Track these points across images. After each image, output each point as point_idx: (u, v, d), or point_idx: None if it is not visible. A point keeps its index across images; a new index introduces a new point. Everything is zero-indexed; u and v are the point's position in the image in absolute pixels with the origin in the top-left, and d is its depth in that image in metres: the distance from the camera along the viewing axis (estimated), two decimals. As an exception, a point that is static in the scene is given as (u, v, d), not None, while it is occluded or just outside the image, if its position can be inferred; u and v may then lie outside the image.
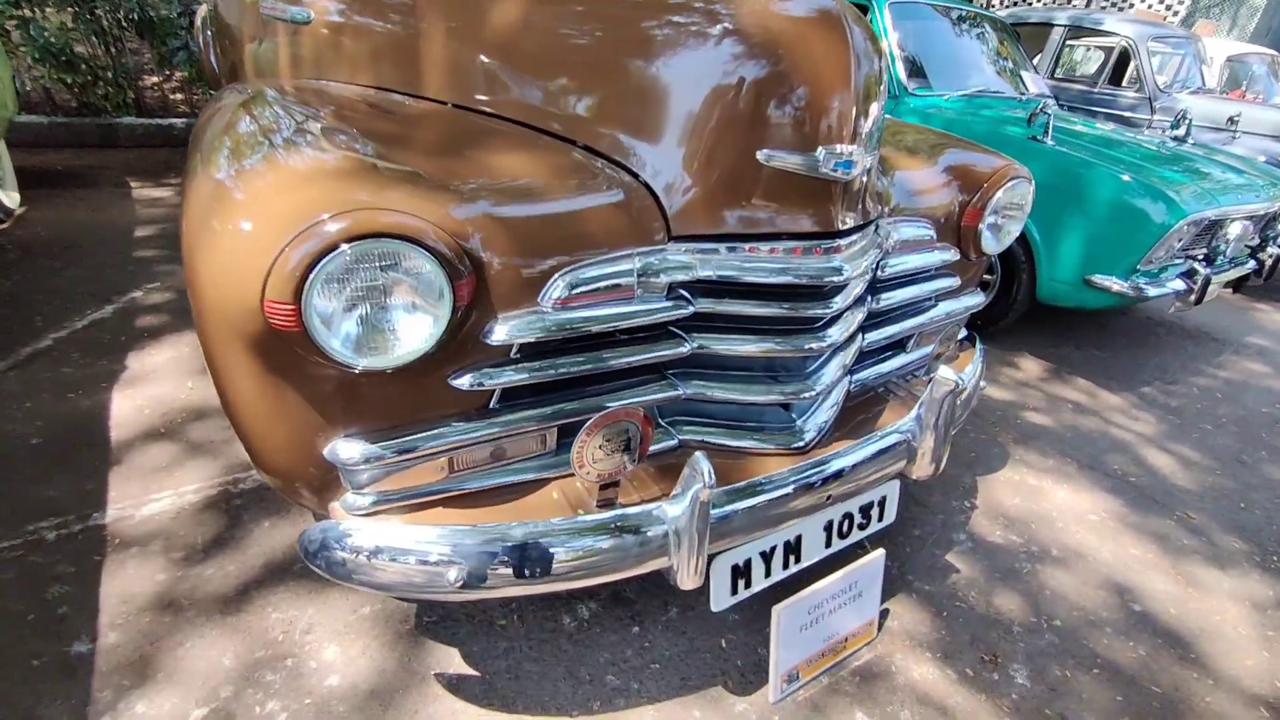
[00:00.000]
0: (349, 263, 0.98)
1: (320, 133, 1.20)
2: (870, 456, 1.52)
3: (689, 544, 1.23)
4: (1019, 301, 3.36)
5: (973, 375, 1.91)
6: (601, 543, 1.22)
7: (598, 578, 1.25)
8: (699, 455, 1.20)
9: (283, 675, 1.53)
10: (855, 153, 1.26)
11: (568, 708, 1.52)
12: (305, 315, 0.98)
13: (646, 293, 1.26)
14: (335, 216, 0.98)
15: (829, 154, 1.23)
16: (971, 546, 2.12)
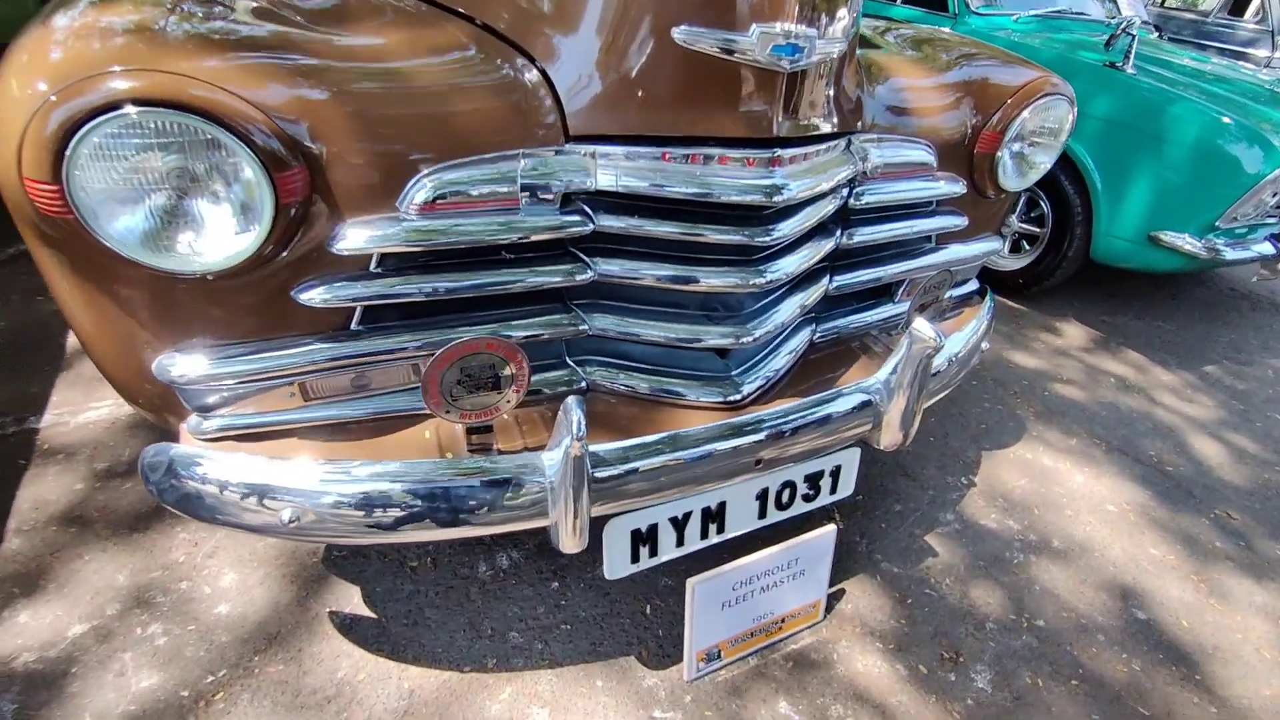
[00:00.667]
0: (126, 131, 0.80)
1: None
2: (818, 420, 1.29)
3: (565, 503, 1.05)
4: (1069, 259, 2.95)
5: (971, 335, 1.63)
6: (463, 493, 1.06)
7: (461, 531, 1.09)
8: (571, 401, 1.00)
9: (173, 599, 1.46)
10: (804, 36, 0.99)
11: (459, 662, 1.41)
12: (71, 197, 0.82)
13: (534, 203, 1.05)
14: (120, 74, 0.80)
15: (766, 35, 0.97)
16: (958, 529, 1.88)
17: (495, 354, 1.00)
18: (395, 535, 1.05)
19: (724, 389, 1.27)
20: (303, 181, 0.92)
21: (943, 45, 1.65)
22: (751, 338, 1.23)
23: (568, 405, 1.00)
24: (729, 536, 1.35)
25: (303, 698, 1.31)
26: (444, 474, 1.06)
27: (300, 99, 0.91)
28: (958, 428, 2.28)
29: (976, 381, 2.54)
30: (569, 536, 1.09)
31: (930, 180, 1.43)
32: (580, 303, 1.20)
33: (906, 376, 1.31)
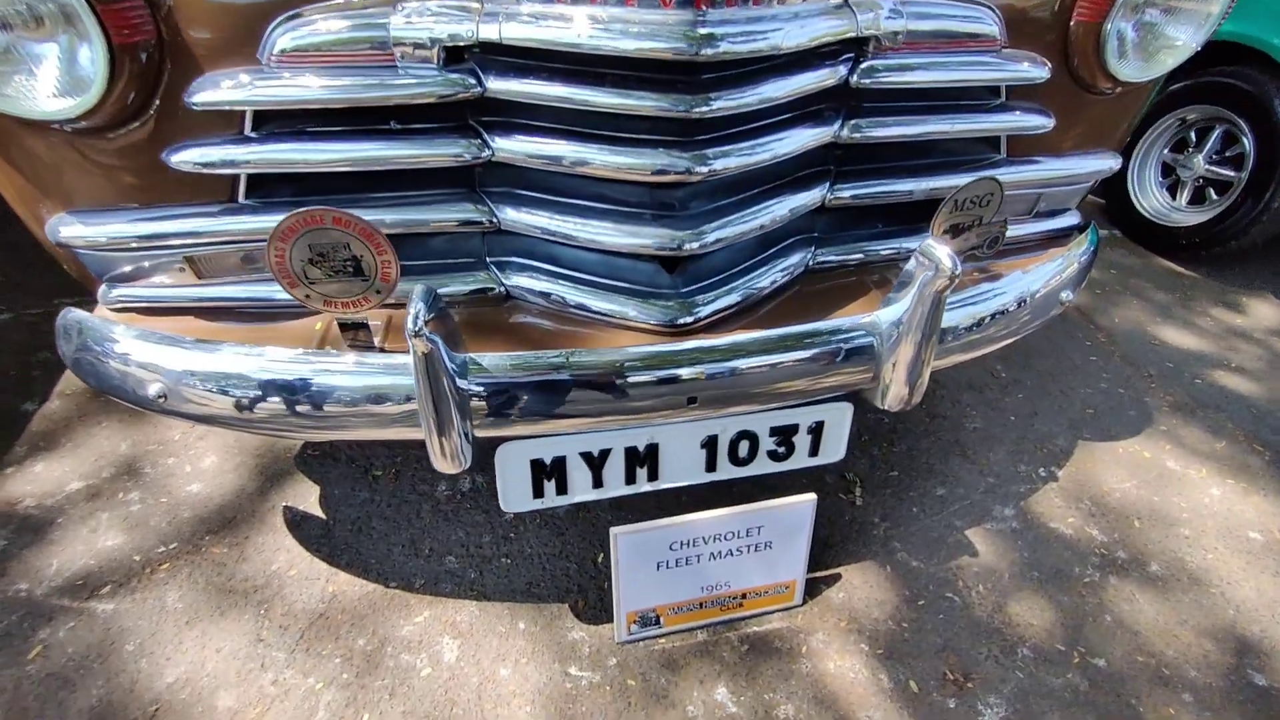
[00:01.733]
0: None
1: None
2: (781, 363, 1.03)
3: (427, 415, 0.91)
4: (1273, 213, 2.23)
5: (1049, 274, 1.23)
6: (322, 391, 0.95)
7: (324, 433, 0.99)
8: (418, 291, 0.84)
9: (158, 471, 1.54)
10: None
11: (389, 576, 1.35)
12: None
13: (413, 60, 0.88)
14: None
15: None
16: (1015, 529, 1.50)
17: (344, 231, 0.86)
18: (253, 426, 0.98)
19: (669, 310, 1.04)
20: (141, 20, 0.83)
21: None
22: (695, 245, 0.98)
23: (412, 295, 0.84)
24: (667, 486, 1.14)
25: (234, 582, 1.33)
26: (304, 366, 0.96)
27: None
28: (1052, 408, 1.83)
29: (1096, 357, 2.03)
30: (438, 454, 0.95)
31: (988, 59, 1.06)
32: (493, 191, 1.03)
33: (915, 316, 1.00)
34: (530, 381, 0.96)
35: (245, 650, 1.22)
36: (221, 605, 1.28)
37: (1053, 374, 1.94)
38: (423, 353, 0.84)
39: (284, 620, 1.27)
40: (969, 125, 1.10)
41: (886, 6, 0.97)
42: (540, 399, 0.96)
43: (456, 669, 1.21)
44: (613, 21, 0.82)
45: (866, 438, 1.71)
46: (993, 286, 1.17)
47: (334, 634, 1.25)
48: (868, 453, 1.66)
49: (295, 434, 1.01)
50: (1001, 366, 1.96)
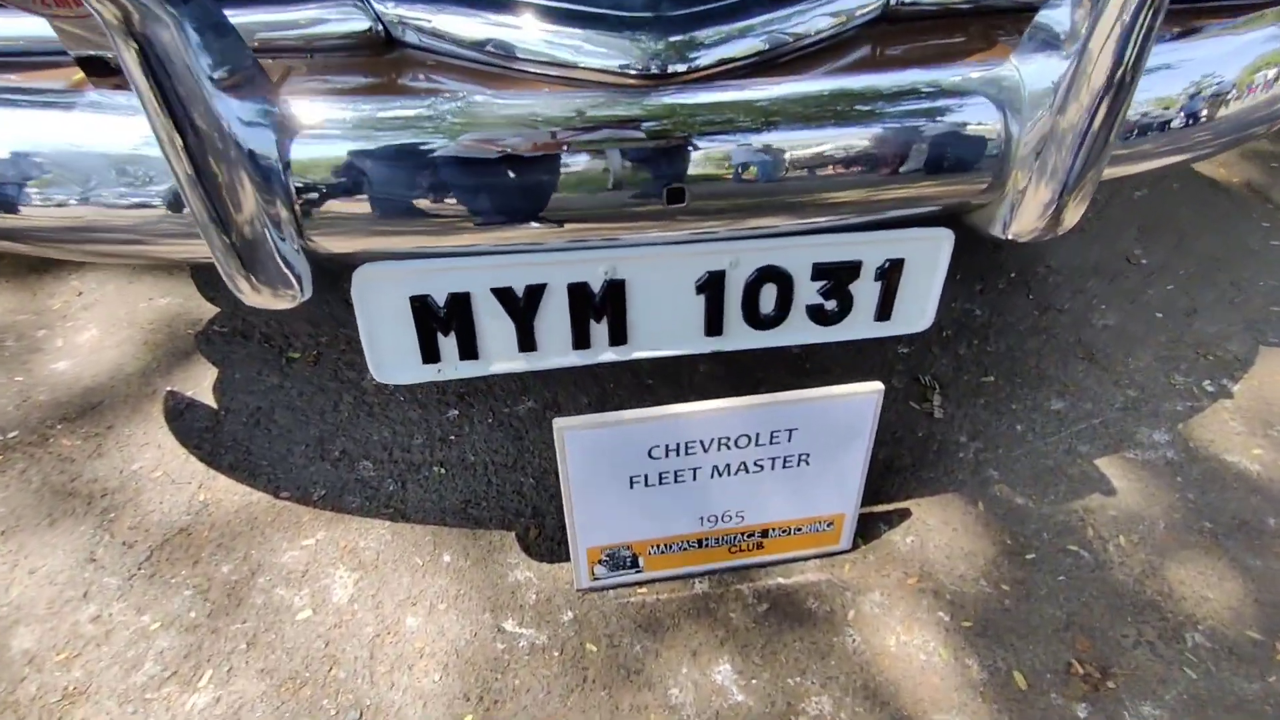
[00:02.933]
0: None
1: None
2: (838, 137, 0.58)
3: (192, 200, 0.51)
4: None
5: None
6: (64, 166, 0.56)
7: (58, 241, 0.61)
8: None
9: (24, 345, 1.22)
10: None
11: (280, 483, 1.00)
12: None
13: None
14: None
15: None
16: (1172, 460, 1.03)
17: None
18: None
19: (646, 47, 0.60)
20: None
21: None
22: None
23: None
24: (643, 355, 0.72)
25: (79, 484, 0.99)
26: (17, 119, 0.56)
27: None
28: (1219, 304, 1.31)
29: (1270, 223, 1.47)
30: (233, 272, 0.56)
31: None
32: None
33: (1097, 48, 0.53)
34: (390, 156, 0.54)
35: (69, 573, 0.89)
36: (54, 512, 0.96)
37: (1216, 260, 1.41)
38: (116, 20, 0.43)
39: (130, 535, 0.93)
40: None
41: None
42: (411, 190, 0.55)
43: (347, 613, 0.85)
44: None
45: (949, 331, 1.24)
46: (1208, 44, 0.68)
47: (192, 556, 0.91)
48: (951, 350, 1.20)
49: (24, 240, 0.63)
50: (1142, 250, 1.43)
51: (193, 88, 0.48)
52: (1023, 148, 0.62)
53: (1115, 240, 1.46)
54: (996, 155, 0.63)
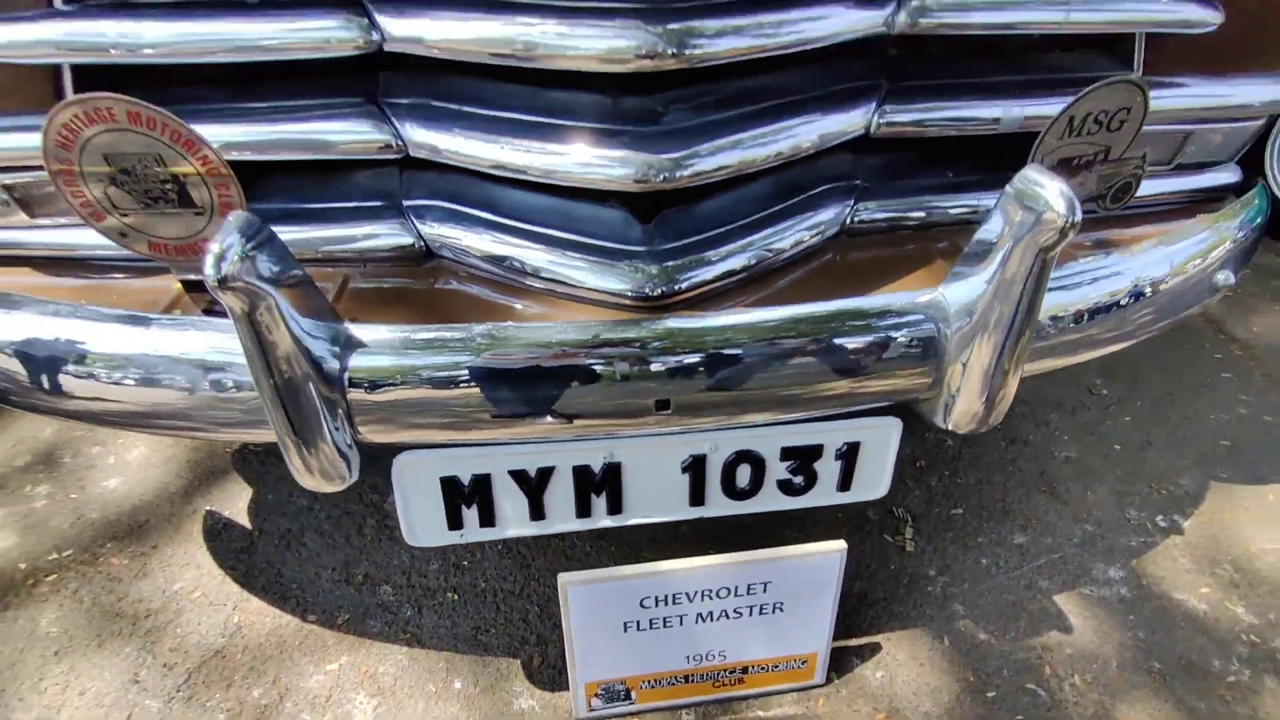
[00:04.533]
0: None
1: None
2: (801, 355, 0.71)
3: (271, 406, 0.64)
4: None
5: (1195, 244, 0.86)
6: (157, 370, 0.69)
7: (150, 426, 0.74)
8: (238, 216, 0.57)
9: (78, 461, 1.34)
10: None
11: (308, 608, 1.09)
12: None
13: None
14: None
15: None
16: (1125, 597, 1.12)
17: (147, 134, 0.60)
18: (59, 411, 0.73)
19: (639, 274, 0.74)
20: None
21: None
22: (677, 176, 0.68)
23: (221, 228, 0.57)
24: (636, 522, 0.83)
25: (125, 603, 1.10)
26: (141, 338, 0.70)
27: None
28: (1173, 438, 1.42)
29: (1231, 374, 1.59)
30: (296, 463, 0.68)
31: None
32: (398, 103, 0.75)
33: (1002, 290, 0.67)
34: (435, 370, 0.68)
35: (114, 695, 0.98)
36: (102, 633, 1.05)
37: (1172, 394, 1.53)
38: (241, 309, 0.57)
39: (170, 657, 1.03)
40: (1091, 15, 0.75)
41: None
42: (445, 395, 0.68)
43: (365, 739, 0.94)
44: None
45: (923, 463, 1.35)
46: (1116, 260, 0.82)
47: (226, 679, 1.00)
48: (923, 482, 1.31)
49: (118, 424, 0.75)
50: (1102, 381, 1.56)
51: (281, 324, 0.61)
52: (955, 352, 0.75)
53: (1079, 371, 1.58)
54: (934, 358, 0.76)
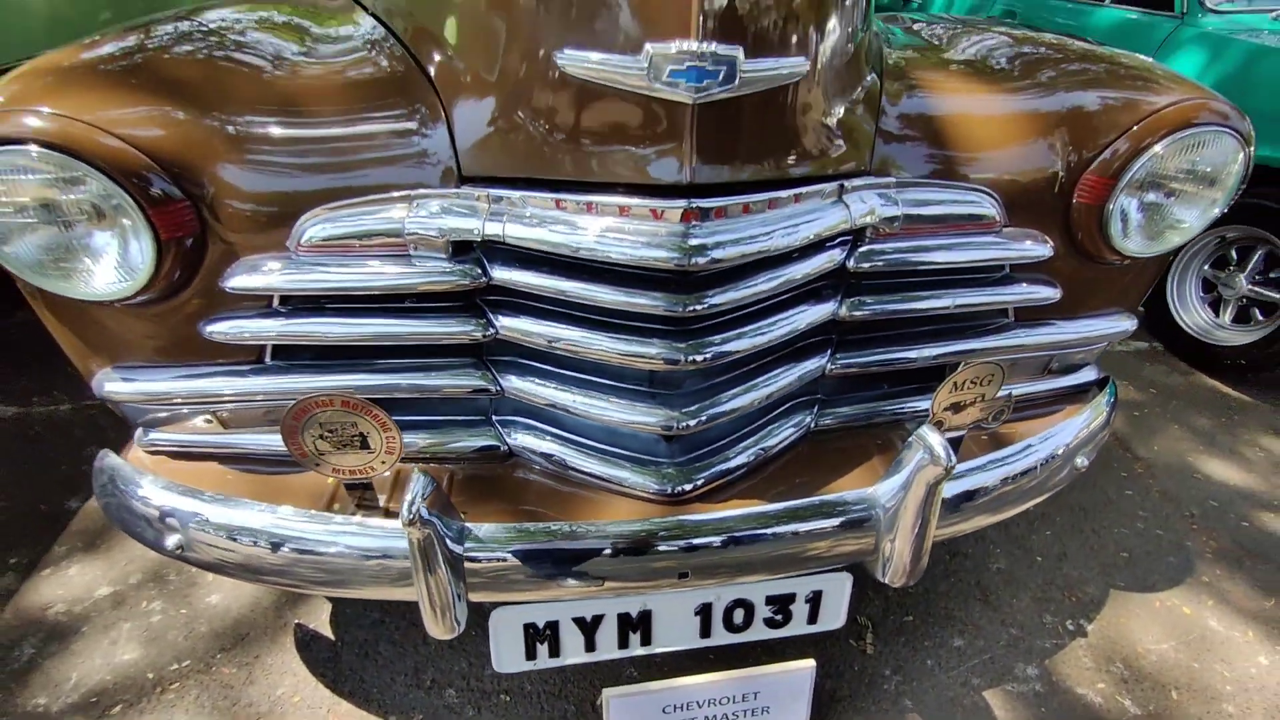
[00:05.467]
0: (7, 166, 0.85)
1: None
2: (779, 535, 1.03)
3: (423, 589, 0.94)
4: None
5: (1062, 438, 1.20)
6: (328, 552, 0.99)
7: (325, 589, 1.03)
8: (416, 478, 0.88)
9: (183, 579, 1.60)
10: (719, 57, 0.76)
11: (388, 708, 1.35)
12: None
13: (423, 251, 0.95)
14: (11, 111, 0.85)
15: (661, 57, 0.76)
16: (1040, 692, 1.42)
17: (353, 413, 0.92)
18: (262, 578, 1.02)
19: (667, 478, 1.06)
20: (187, 219, 0.92)
21: (1037, 50, 1.25)
22: (690, 424, 1.01)
23: (410, 483, 0.88)
24: (661, 650, 1.13)
25: (239, 708, 1.35)
26: (311, 526, 1.00)
27: (190, 141, 0.91)
28: (1083, 549, 1.74)
29: (1133, 490, 1.93)
30: (431, 621, 0.97)
31: (988, 239, 1.07)
32: (499, 360, 1.08)
33: (911, 501, 0.99)
34: (524, 552, 0.98)
35: (240, 785, 1.23)
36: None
37: (1085, 509, 1.86)
38: (417, 537, 0.87)
39: (281, 753, 1.28)
40: (971, 299, 1.10)
41: (881, 196, 1.00)
42: (533, 570, 0.98)
43: (444, 822, 1.19)
44: (608, 231, 0.88)
45: (882, 575, 1.65)
46: (999, 455, 1.15)
47: (328, 772, 1.26)
48: (882, 594, 1.61)
49: (302, 589, 1.05)
50: (1030, 497, 1.88)
51: (435, 540, 0.91)
52: (885, 532, 1.06)
53: (1010, 488, 1.91)
54: (873, 535, 1.06)
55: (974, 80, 1.15)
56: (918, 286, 1.09)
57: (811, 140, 0.91)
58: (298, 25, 1.21)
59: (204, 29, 1.13)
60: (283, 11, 1.30)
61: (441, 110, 0.94)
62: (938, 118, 1.08)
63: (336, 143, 0.95)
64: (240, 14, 1.23)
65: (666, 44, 0.75)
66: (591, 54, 0.79)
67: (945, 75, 1.15)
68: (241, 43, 1.11)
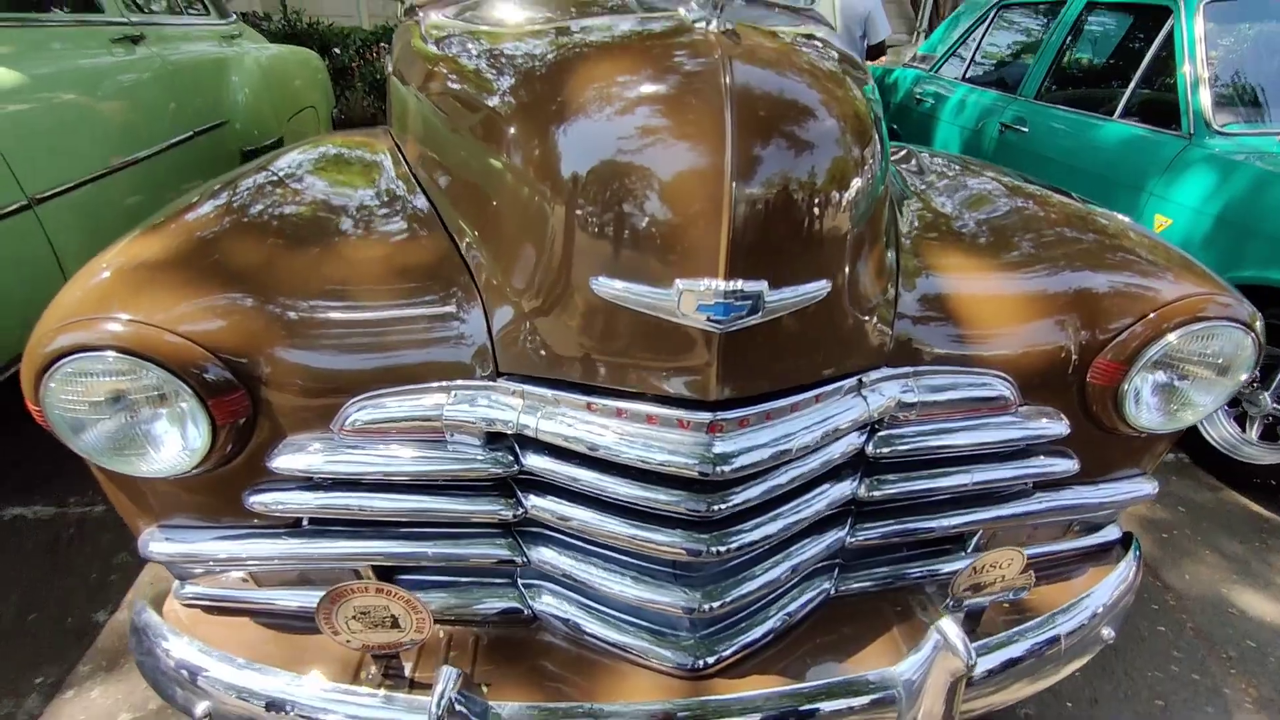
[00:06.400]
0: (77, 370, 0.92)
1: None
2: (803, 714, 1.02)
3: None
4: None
5: (1087, 610, 1.19)
6: None
7: None
8: (449, 672, 0.90)
9: (202, 706, 1.61)
10: (744, 294, 0.82)
11: None
12: (50, 419, 0.95)
13: (460, 438, 1.00)
14: (63, 328, 0.92)
15: (690, 292, 0.82)
16: None
17: (383, 597, 0.95)
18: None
19: (689, 652, 1.07)
20: (241, 405, 0.98)
21: (1047, 216, 1.30)
22: (713, 606, 1.02)
23: (440, 676, 0.90)
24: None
25: None
26: (339, 698, 1.02)
27: (246, 332, 0.98)
28: (1116, 695, 1.69)
29: (1165, 627, 1.88)
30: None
31: (1004, 420, 1.10)
32: (527, 532, 1.11)
33: (932, 686, 0.99)
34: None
35: None
36: None
37: (1116, 646, 1.80)
38: (446, 719, 0.89)
39: None
40: (990, 476, 1.12)
41: (898, 385, 1.04)
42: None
43: None
44: (636, 436, 0.92)
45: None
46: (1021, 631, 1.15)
47: None
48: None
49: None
50: (1057, 631, 1.84)
51: None
52: (906, 710, 1.05)
53: (1036, 619, 1.87)
54: (894, 711, 1.05)
55: (987, 260, 1.20)
56: (936, 464, 1.11)
57: (833, 346, 0.96)
58: (350, 195, 1.29)
59: (259, 201, 1.22)
60: (334, 175, 1.40)
61: (481, 305, 1.01)
62: (953, 302, 1.12)
63: (384, 331, 1.01)
64: (294, 179, 1.32)
65: (696, 281, 0.81)
66: (623, 283, 0.85)
67: (959, 254, 1.20)
68: (295, 220, 1.19)
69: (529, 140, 0.96)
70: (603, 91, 0.87)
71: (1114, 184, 2.82)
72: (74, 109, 2.37)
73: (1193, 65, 2.61)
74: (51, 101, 2.29)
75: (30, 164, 2.10)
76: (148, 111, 2.76)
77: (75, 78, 2.45)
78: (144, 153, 2.64)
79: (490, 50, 1.25)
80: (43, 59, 2.36)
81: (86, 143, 2.39)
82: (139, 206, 2.56)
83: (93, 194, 2.36)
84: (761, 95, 0.82)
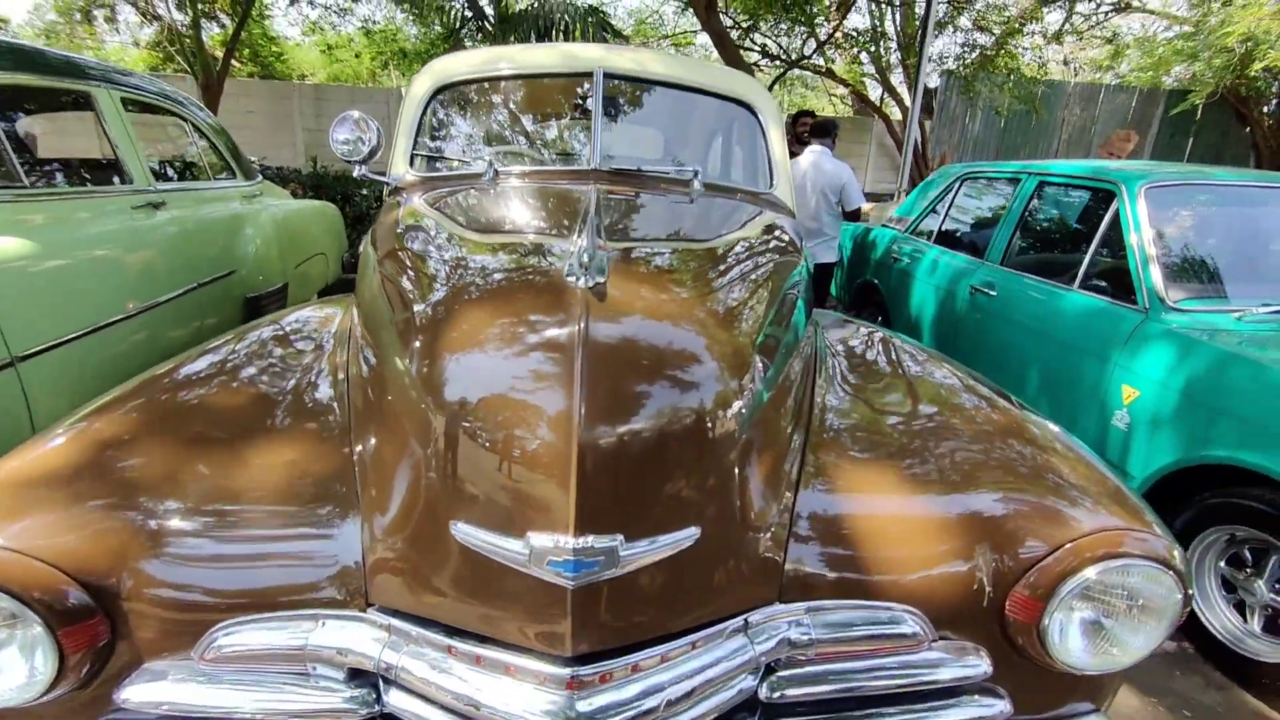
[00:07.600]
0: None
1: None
2: None
3: None
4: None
5: None
6: None
7: None
8: None
9: None
10: (596, 550, 0.79)
11: None
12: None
13: (323, 671, 0.94)
14: None
15: (542, 547, 0.79)
16: None
17: None
18: None
19: None
20: (99, 630, 0.94)
21: (969, 429, 1.27)
22: None
23: None
24: None
25: None
26: None
27: (114, 552, 0.96)
28: None
29: None
30: None
31: (916, 658, 1.02)
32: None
33: None
34: None
35: None
36: None
37: None
38: None
39: None
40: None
41: (790, 624, 0.97)
42: None
43: None
44: (496, 689, 0.85)
45: None
46: None
47: None
48: None
49: None
50: None
51: None
52: None
53: None
54: None
55: (902, 477, 1.16)
56: (844, 707, 1.02)
57: (708, 591, 0.92)
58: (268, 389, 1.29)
59: (171, 400, 1.21)
60: (263, 363, 1.40)
61: (360, 527, 0.99)
62: (858, 524, 1.08)
63: (260, 553, 0.99)
64: (219, 372, 1.33)
65: (547, 536, 0.79)
66: (480, 531, 0.83)
67: (871, 469, 1.17)
68: (201, 420, 1.16)
69: (412, 361, 0.98)
70: (477, 337, 0.91)
71: (1082, 351, 2.84)
72: (79, 270, 2.47)
73: (1141, 244, 2.71)
74: (59, 265, 2.40)
75: (22, 323, 2.18)
76: (154, 268, 2.88)
77: (88, 242, 2.59)
78: (143, 305, 2.72)
79: (420, 257, 1.32)
80: (63, 227, 2.51)
81: (85, 301, 2.47)
82: (132, 354, 2.58)
83: (83, 347, 2.41)
84: (618, 347, 0.84)
